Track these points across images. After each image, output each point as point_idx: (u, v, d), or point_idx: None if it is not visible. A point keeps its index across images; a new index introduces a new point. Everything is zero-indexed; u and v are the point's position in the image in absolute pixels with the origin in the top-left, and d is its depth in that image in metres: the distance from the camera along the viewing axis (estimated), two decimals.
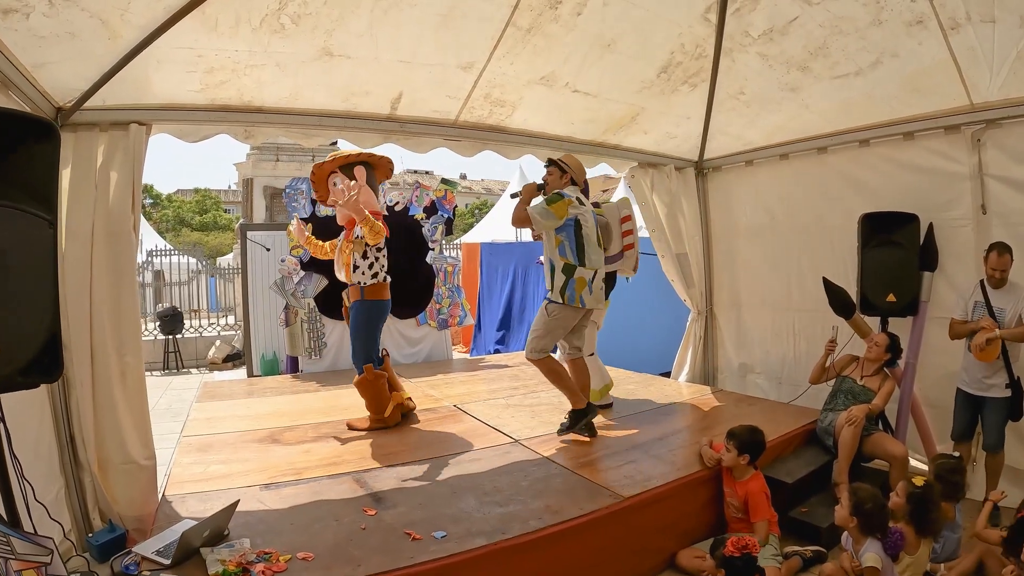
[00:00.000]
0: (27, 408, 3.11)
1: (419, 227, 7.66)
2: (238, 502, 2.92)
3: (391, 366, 4.85)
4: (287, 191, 7.12)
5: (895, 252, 4.55)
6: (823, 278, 4.79)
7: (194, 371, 11.72)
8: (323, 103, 4.31)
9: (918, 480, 3.19)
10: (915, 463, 4.44)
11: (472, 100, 4.63)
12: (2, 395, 2.14)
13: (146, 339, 11.96)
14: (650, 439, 4.30)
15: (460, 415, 4.97)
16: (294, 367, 7.44)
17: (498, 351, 9.74)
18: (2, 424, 2.19)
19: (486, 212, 20.65)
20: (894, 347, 4.42)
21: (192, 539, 2.64)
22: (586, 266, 4.26)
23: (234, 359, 11.92)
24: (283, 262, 7.05)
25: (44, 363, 2.19)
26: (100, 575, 2.88)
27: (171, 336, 12.09)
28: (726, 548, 3.18)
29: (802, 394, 5.15)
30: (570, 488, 3.42)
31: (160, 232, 24.05)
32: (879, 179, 4.93)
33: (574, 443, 4.24)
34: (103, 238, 3.45)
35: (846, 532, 3.12)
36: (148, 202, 36.72)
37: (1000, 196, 4.25)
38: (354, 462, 3.83)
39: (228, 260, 17.23)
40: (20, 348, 2.10)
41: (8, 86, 2.92)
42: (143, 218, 17.20)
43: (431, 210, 7.81)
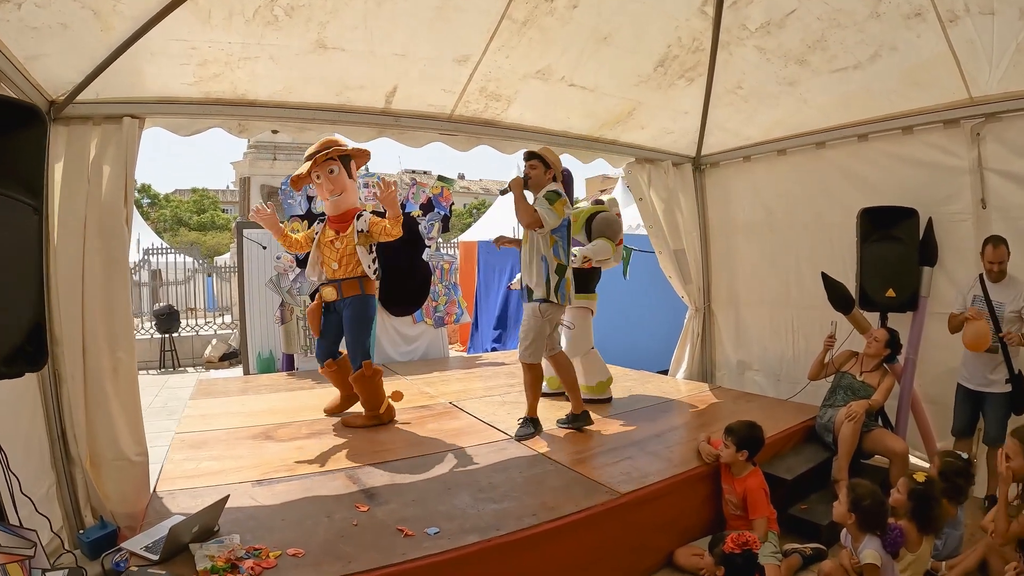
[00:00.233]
0: (18, 403, 3.09)
1: (415, 224, 7.61)
2: (228, 497, 2.88)
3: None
4: (282, 188, 7.08)
5: (894, 247, 4.54)
6: (822, 273, 4.76)
7: (190, 370, 11.69)
8: (317, 97, 4.28)
9: (919, 476, 3.16)
10: (915, 460, 4.41)
11: (467, 94, 4.59)
12: None
13: (142, 338, 11.97)
14: (647, 436, 4.27)
15: (455, 412, 4.93)
16: (290, 364, 7.40)
17: (495, 349, 9.69)
18: None
19: (484, 212, 20.63)
20: (894, 343, 4.40)
21: (181, 534, 2.60)
22: (569, 265, 4.36)
23: (230, 358, 11.90)
24: (279, 259, 7.01)
25: (29, 352, 2.16)
26: (90, 572, 2.84)
27: (167, 335, 12.06)
28: (726, 545, 3.13)
29: (801, 390, 5.11)
30: (566, 485, 3.39)
31: (158, 232, 23.98)
32: (878, 174, 4.90)
33: (570, 440, 4.21)
34: (95, 232, 3.43)
35: (845, 529, 3.09)
36: (146, 202, 36.71)
37: (1000, 190, 4.22)
38: (347, 458, 3.79)
39: (225, 259, 17.21)
40: (4, 336, 2.06)
41: (1, 79, 2.89)
42: (140, 218, 17.25)
43: (427, 207, 7.76)
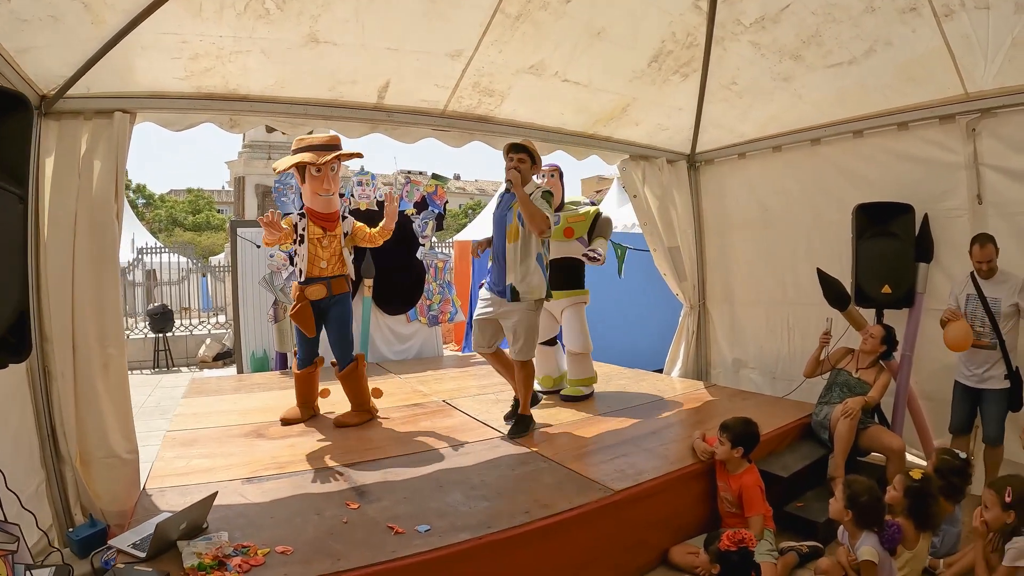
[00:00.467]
0: (8, 400, 3.06)
1: (409, 223, 7.57)
2: (216, 494, 2.84)
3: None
4: (276, 186, 7.04)
5: (890, 243, 4.51)
6: (817, 269, 4.73)
7: (184, 369, 11.64)
8: (309, 91, 4.26)
9: (915, 473, 3.14)
10: (912, 457, 4.39)
11: (460, 89, 4.56)
12: None
13: (136, 337, 11.91)
14: (642, 433, 4.23)
15: (449, 410, 4.89)
16: (283, 363, 7.35)
17: None
18: None
19: (479, 212, 20.58)
20: (890, 339, 4.38)
21: (168, 531, 2.57)
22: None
23: (224, 357, 11.85)
24: (272, 257, 6.96)
25: (12, 342, 2.12)
26: (80, 570, 2.81)
27: (161, 334, 12.01)
28: (721, 542, 3.10)
29: (797, 388, 5.09)
30: (559, 482, 3.35)
31: (153, 232, 23.86)
32: (873, 170, 4.88)
33: (564, 437, 4.18)
34: (86, 227, 3.41)
35: (842, 526, 3.06)
36: (141, 202, 36.60)
37: (996, 185, 4.20)
38: (338, 456, 3.75)
39: (220, 259, 17.15)
40: None
41: None
42: (136, 218, 17.17)
43: (421, 205, 7.72)
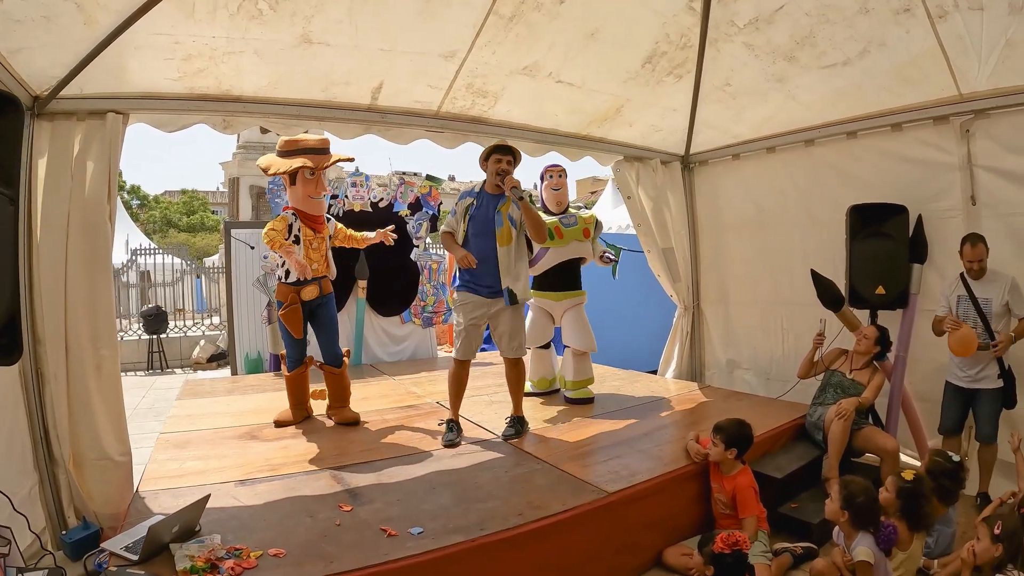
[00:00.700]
0: (0, 402, 3.03)
1: (404, 224, 7.56)
2: (208, 496, 2.83)
3: None
4: (270, 187, 7.02)
5: (884, 244, 4.51)
6: (811, 270, 4.74)
7: (178, 371, 11.60)
8: (302, 92, 4.25)
9: (907, 474, 3.13)
10: (906, 458, 4.39)
11: (454, 90, 4.55)
12: None
13: (130, 339, 11.86)
14: (636, 435, 4.22)
15: (443, 412, 4.85)
16: (277, 365, 7.28)
17: (484, 350, 9.61)
18: None
19: None
20: (884, 340, 4.38)
21: (160, 534, 2.55)
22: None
23: (219, 359, 11.81)
24: (266, 259, 6.94)
25: (3, 344, 2.11)
26: (72, 573, 2.80)
27: (155, 336, 11.96)
28: (715, 544, 3.09)
29: (791, 389, 5.09)
30: (553, 484, 3.34)
31: (147, 233, 23.82)
32: (868, 171, 4.88)
33: (557, 439, 4.16)
34: (79, 228, 3.41)
35: (837, 527, 3.06)
36: (136, 203, 36.51)
37: (990, 186, 4.21)
38: (332, 458, 3.73)
39: (214, 260, 17.11)
40: None
41: None
42: (130, 219, 17.10)
43: (416, 206, 7.71)
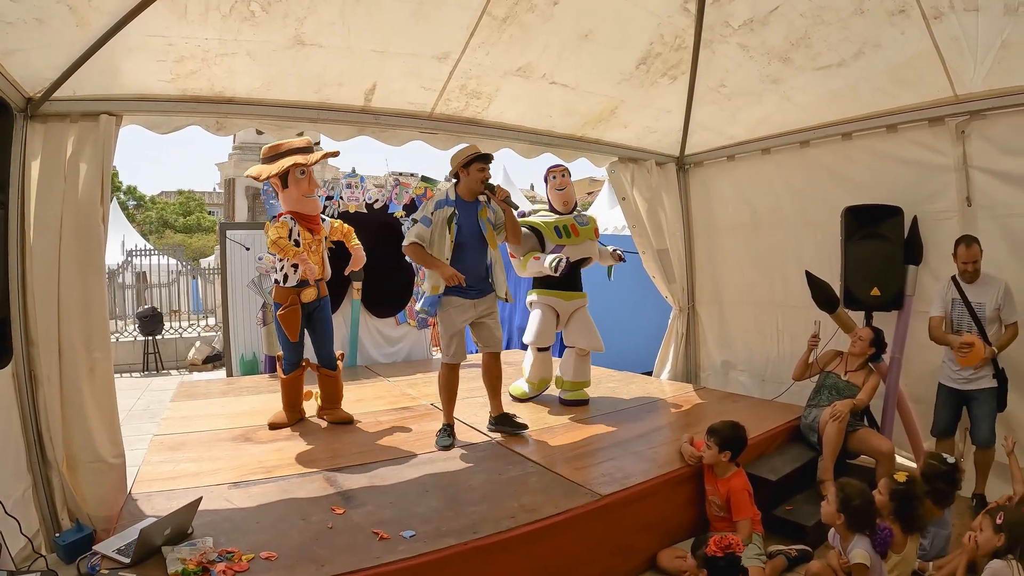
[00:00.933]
0: None
1: (399, 225, 7.54)
2: (200, 499, 2.82)
3: None
4: (265, 188, 6.99)
5: (879, 245, 4.51)
6: (806, 272, 4.73)
7: (174, 372, 11.57)
8: (295, 94, 4.23)
9: (900, 476, 3.13)
10: (901, 459, 4.38)
11: (448, 92, 4.53)
12: None
13: (126, 340, 11.83)
14: (630, 437, 4.21)
15: (437, 413, 4.85)
16: (272, 367, 7.28)
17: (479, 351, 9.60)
18: None
19: None
20: (879, 341, 4.37)
21: (152, 537, 2.55)
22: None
23: (214, 360, 11.79)
24: (260, 260, 6.91)
25: None
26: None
27: (151, 337, 11.93)
28: (708, 548, 3.08)
29: (786, 391, 5.08)
30: (546, 486, 3.33)
31: (144, 234, 23.76)
32: (863, 172, 4.88)
33: (551, 441, 4.16)
34: (72, 231, 3.39)
35: (833, 529, 3.05)
36: (132, 204, 36.42)
37: (985, 188, 4.20)
38: (325, 460, 3.73)
39: (210, 261, 17.08)
40: None
41: None
42: (126, 220, 17.05)
43: (411, 207, 7.68)
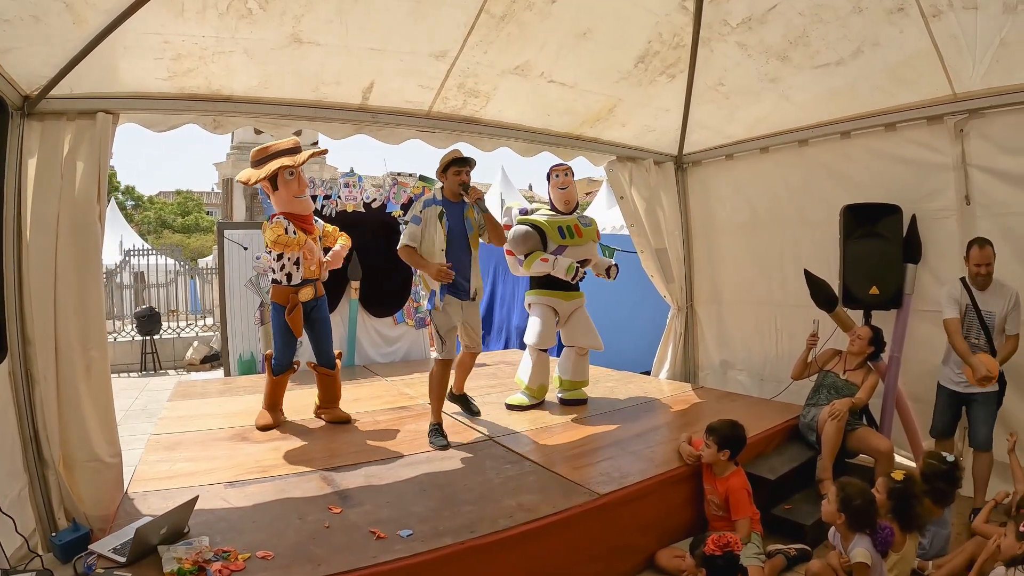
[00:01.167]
0: None
1: (397, 224, 7.52)
2: (196, 498, 2.81)
3: None
4: (261, 188, 6.97)
5: (878, 244, 4.50)
6: (805, 271, 4.72)
7: (171, 372, 11.55)
8: (292, 92, 4.20)
9: (898, 475, 3.12)
10: (900, 459, 4.37)
11: (446, 90, 4.51)
12: None
13: (123, 340, 11.81)
14: (628, 436, 4.21)
15: None
16: None
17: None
18: None
19: None
20: (877, 340, 4.36)
21: (148, 536, 2.54)
22: None
23: (212, 360, 11.77)
24: (258, 259, 6.91)
25: None
26: (61, 575, 2.77)
27: (148, 337, 11.91)
28: (707, 547, 3.07)
29: (784, 390, 5.08)
30: (544, 486, 3.32)
31: (142, 234, 23.77)
32: (861, 171, 4.87)
33: (549, 440, 4.15)
34: (68, 229, 3.35)
35: (833, 528, 3.04)
36: (130, 204, 36.40)
37: (984, 187, 4.19)
38: (322, 460, 3.71)
39: (208, 261, 17.05)
40: None
41: None
42: (124, 220, 17.02)
43: (409, 207, 7.66)
